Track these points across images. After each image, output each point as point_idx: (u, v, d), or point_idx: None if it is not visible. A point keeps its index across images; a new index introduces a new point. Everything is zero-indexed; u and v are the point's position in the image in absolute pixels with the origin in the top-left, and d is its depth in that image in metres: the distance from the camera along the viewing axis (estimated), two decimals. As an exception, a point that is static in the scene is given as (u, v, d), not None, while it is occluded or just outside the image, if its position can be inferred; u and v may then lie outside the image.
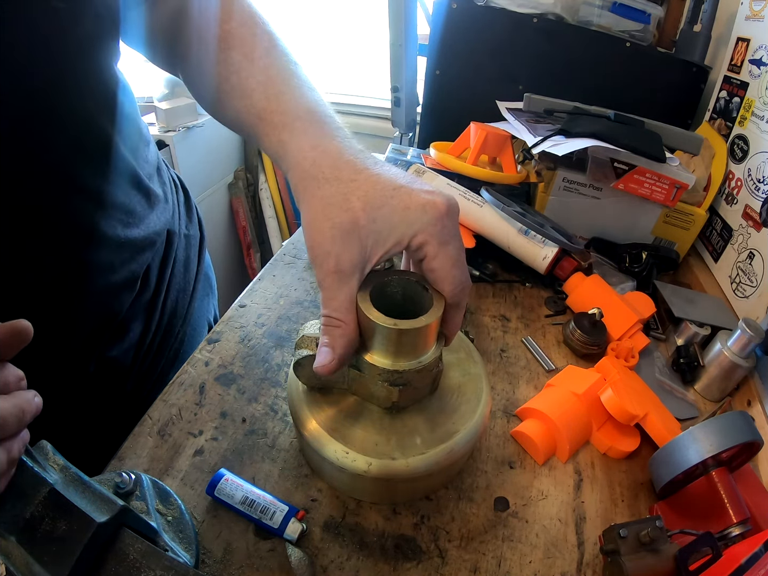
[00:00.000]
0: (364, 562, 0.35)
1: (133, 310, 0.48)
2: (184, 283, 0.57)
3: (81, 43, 0.34)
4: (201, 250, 0.62)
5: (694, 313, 0.60)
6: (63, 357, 0.43)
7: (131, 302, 0.47)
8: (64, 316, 0.41)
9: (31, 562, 0.23)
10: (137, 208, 0.45)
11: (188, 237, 0.58)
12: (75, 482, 0.25)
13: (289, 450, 0.42)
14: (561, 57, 0.87)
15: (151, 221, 0.47)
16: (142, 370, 0.51)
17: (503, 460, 0.43)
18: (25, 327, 0.24)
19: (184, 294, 0.58)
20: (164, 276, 0.53)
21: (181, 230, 0.56)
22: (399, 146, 0.90)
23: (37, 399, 0.25)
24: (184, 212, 0.58)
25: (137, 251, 0.46)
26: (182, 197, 0.59)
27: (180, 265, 0.56)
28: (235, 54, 0.37)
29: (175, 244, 0.54)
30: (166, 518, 0.32)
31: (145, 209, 0.46)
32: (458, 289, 0.32)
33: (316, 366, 0.31)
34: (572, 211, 0.71)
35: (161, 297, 0.52)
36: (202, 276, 0.62)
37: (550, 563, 0.36)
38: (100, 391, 0.47)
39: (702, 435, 0.38)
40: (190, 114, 1.46)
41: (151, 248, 0.48)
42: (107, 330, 0.46)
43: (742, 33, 0.72)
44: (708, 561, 0.32)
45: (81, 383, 0.45)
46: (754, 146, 0.66)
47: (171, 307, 0.55)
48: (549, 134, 0.67)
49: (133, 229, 0.44)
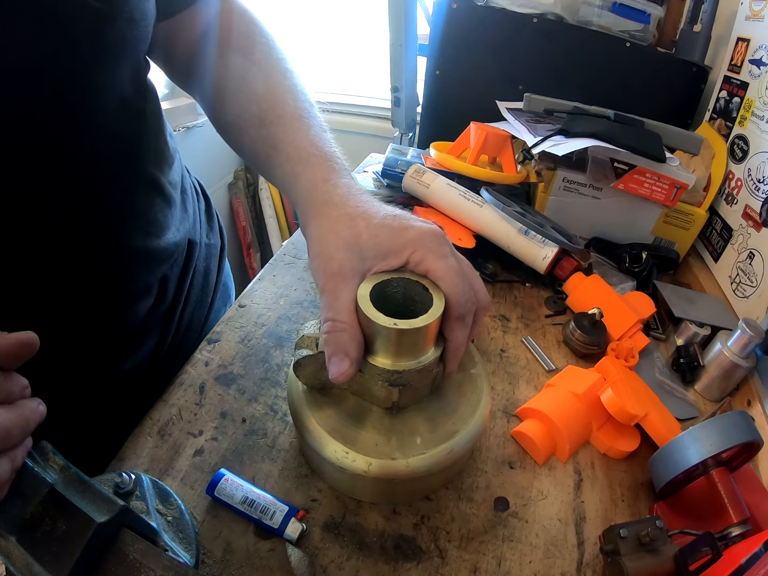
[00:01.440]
0: (364, 562, 0.35)
1: (148, 322, 0.47)
2: (202, 295, 0.56)
3: (113, 46, 0.33)
4: (221, 258, 0.61)
5: (694, 313, 0.60)
6: (73, 365, 0.42)
7: (147, 314, 0.46)
8: (76, 324, 0.40)
9: (31, 562, 0.23)
10: (158, 216, 0.44)
11: (209, 246, 0.57)
12: (75, 482, 0.25)
13: (289, 450, 0.42)
14: (561, 57, 0.87)
15: (170, 230, 0.46)
16: (153, 383, 0.50)
17: (503, 460, 0.43)
18: (31, 338, 0.24)
19: (201, 306, 0.56)
20: (183, 287, 0.51)
21: (202, 239, 0.55)
22: (399, 146, 0.90)
23: (41, 407, 0.25)
24: (205, 220, 0.57)
25: (155, 261, 0.45)
26: (203, 205, 0.58)
27: (200, 276, 0.55)
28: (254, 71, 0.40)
29: (195, 254, 0.53)
30: (166, 518, 0.32)
31: (166, 218, 0.45)
32: (462, 299, 0.32)
33: (335, 375, 0.31)
34: (572, 211, 0.71)
35: (178, 309, 0.51)
36: (221, 286, 0.61)
37: (550, 563, 0.36)
38: (109, 403, 0.46)
39: (702, 435, 0.38)
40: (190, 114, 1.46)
41: (169, 259, 0.47)
42: (120, 341, 0.45)
43: (742, 33, 0.72)
44: (708, 561, 0.32)
45: (90, 394, 0.44)
46: (754, 146, 0.66)
47: (188, 319, 0.54)
48: (549, 134, 0.67)
49: (152, 239, 0.44)
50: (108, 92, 0.35)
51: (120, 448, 0.40)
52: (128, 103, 0.38)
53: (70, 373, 0.42)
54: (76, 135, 0.34)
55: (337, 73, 1.76)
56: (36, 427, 0.25)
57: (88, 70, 0.33)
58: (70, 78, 0.32)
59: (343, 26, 1.69)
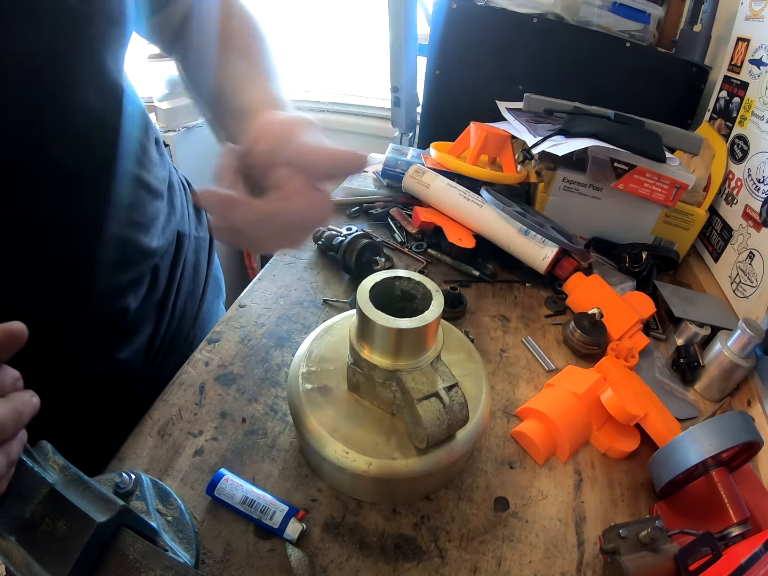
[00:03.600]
0: (364, 562, 0.35)
1: (142, 312, 0.48)
2: (193, 286, 0.57)
3: (91, 44, 0.34)
4: (210, 252, 0.62)
5: (694, 313, 0.60)
6: (68, 356, 0.42)
7: (140, 303, 0.47)
8: (68, 313, 0.41)
9: (31, 562, 0.23)
10: (146, 210, 0.45)
11: (198, 239, 0.58)
12: (75, 482, 0.25)
13: (289, 450, 0.42)
14: (561, 57, 0.86)
15: (159, 222, 0.47)
16: (150, 373, 0.51)
17: (503, 460, 0.43)
18: (19, 329, 0.24)
19: (193, 297, 0.57)
20: (174, 277, 0.52)
21: (191, 232, 0.56)
22: (399, 146, 0.90)
23: (34, 399, 0.25)
24: (194, 214, 0.58)
25: (145, 252, 0.46)
26: (191, 199, 0.59)
27: (189, 267, 0.56)
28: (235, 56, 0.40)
29: (185, 245, 0.54)
30: (166, 518, 0.32)
31: (153, 209, 0.46)
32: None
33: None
34: (572, 211, 0.71)
35: (171, 299, 0.52)
36: (211, 278, 0.62)
37: (550, 563, 0.36)
38: (107, 393, 0.47)
39: (702, 435, 0.38)
40: (190, 114, 1.46)
41: (159, 249, 0.48)
42: (115, 331, 0.46)
43: (742, 33, 0.72)
44: (708, 561, 0.32)
45: (87, 384, 0.45)
46: (754, 146, 0.66)
47: (180, 309, 0.55)
48: (549, 134, 0.67)
49: (142, 230, 0.44)
50: (88, 85, 0.36)
51: (120, 448, 0.40)
52: (108, 94, 0.38)
53: (66, 367, 0.42)
54: (58, 127, 0.34)
55: (337, 73, 1.76)
56: (29, 419, 0.24)
57: (68, 66, 0.33)
58: (49, 72, 0.32)
59: (343, 26, 1.69)
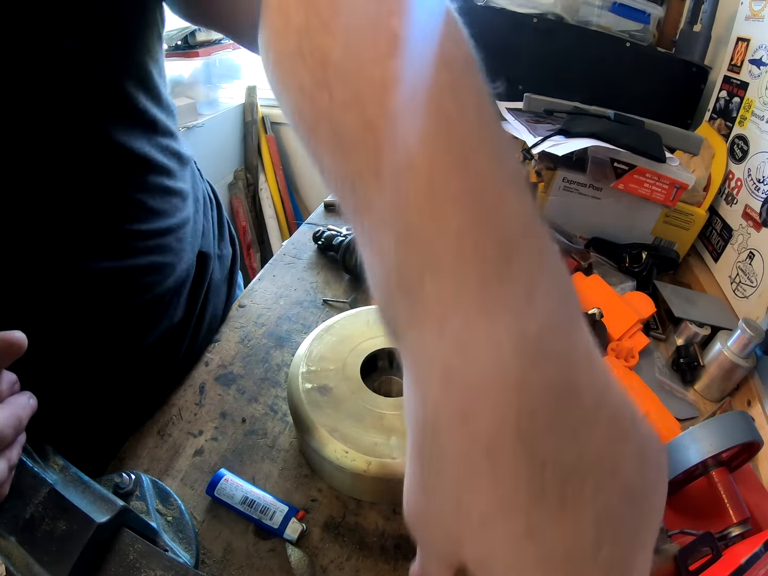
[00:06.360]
0: (364, 562, 0.35)
1: (158, 338, 0.44)
2: (217, 310, 0.53)
3: (90, 77, 0.31)
4: (233, 269, 0.58)
5: (694, 313, 0.59)
6: (81, 379, 0.39)
7: (156, 329, 0.43)
8: (86, 341, 0.38)
9: (31, 562, 0.23)
10: (166, 208, 0.42)
11: (221, 258, 0.54)
12: (75, 482, 0.25)
13: (289, 450, 0.41)
14: (561, 57, 0.86)
15: (183, 242, 0.44)
16: (163, 396, 0.47)
17: (503, 460, 0.43)
18: (19, 338, 0.24)
19: (215, 319, 0.53)
20: (197, 301, 0.48)
21: (214, 251, 0.52)
22: (399, 146, 0.89)
23: (32, 401, 0.25)
24: (217, 230, 0.54)
25: (163, 272, 0.42)
26: (215, 213, 0.55)
27: (215, 288, 0.52)
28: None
29: (210, 267, 0.50)
30: (166, 518, 0.32)
31: (176, 221, 0.43)
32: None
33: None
34: (572, 211, 0.71)
35: (192, 324, 0.48)
36: (233, 301, 0.58)
37: (550, 563, 0.36)
38: (117, 411, 0.43)
39: (702, 435, 0.38)
40: (190, 114, 1.46)
41: (177, 269, 0.44)
42: (132, 357, 0.42)
43: (742, 33, 0.72)
44: (708, 561, 0.32)
45: (97, 403, 0.42)
46: (754, 146, 0.66)
47: (204, 335, 0.51)
48: (549, 134, 0.67)
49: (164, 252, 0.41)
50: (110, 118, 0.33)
51: (120, 448, 0.40)
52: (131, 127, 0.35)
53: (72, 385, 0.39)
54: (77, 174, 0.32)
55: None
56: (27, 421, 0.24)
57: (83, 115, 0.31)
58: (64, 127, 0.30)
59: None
